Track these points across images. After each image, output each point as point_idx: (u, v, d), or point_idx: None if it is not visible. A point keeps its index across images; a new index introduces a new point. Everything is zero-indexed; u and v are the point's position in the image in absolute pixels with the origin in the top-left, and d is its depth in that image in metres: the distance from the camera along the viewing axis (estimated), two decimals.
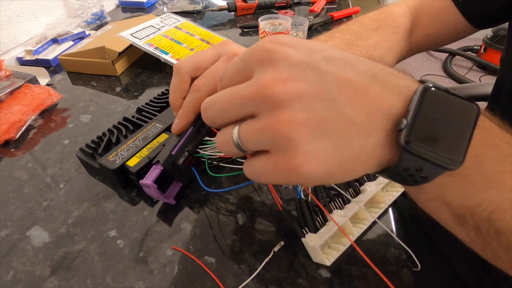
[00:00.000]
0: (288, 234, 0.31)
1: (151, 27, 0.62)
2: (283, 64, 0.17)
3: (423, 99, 0.16)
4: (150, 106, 0.43)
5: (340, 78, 0.17)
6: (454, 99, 0.17)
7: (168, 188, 0.34)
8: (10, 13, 0.67)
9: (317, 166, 0.17)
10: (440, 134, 0.16)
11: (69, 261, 0.30)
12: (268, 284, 0.27)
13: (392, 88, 0.17)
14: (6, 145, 0.45)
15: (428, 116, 0.16)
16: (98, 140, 0.38)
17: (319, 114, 0.16)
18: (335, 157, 0.17)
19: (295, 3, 0.87)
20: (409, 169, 0.17)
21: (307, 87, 0.17)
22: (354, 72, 0.17)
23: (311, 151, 0.16)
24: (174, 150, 0.32)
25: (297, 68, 0.17)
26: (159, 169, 0.31)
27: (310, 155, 0.16)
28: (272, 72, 0.17)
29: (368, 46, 0.43)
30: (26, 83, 0.52)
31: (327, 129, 0.16)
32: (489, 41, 1.95)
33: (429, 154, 0.16)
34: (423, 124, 0.16)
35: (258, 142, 0.18)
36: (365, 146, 0.17)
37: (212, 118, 0.21)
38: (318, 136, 0.16)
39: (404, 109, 0.17)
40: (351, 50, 0.43)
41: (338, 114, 0.16)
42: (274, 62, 0.17)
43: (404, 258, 0.28)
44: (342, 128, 0.17)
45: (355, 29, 0.45)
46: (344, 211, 0.29)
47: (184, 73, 0.30)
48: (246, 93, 0.18)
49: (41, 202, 0.36)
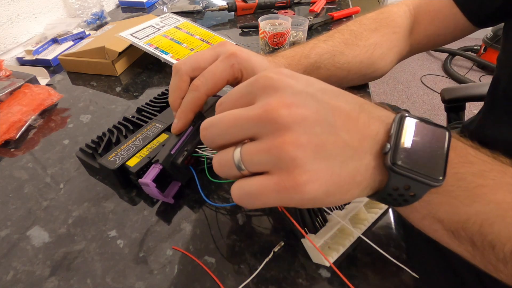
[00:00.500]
0: (288, 234, 0.31)
1: (151, 27, 0.62)
2: (287, 91, 0.19)
3: (401, 125, 0.19)
4: (150, 106, 0.43)
5: (335, 107, 0.19)
6: (427, 124, 0.19)
7: (167, 188, 0.34)
8: (10, 13, 0.67)
9: (318, 185, 0.18)
10: (420, 154, 0.19)
11: (69, 261, 0.30)
12: (268, 284, 0.27)
13: (376, 117, 0.20)
14: (6, 145, 0.45)
15: (407, 139, 0.19)
16: (98, 140, 0.38)
17: (319, 138, 0.18)
18: (333, 177, 0.18)
19: (295, 3, 0.87)
20: (399, 189, 0.19)
21: (309, 113, 0.18)
22: (345, 102, 0.20)
23: (313, 170, 0.18)
24: (173, 150, 0.32)
25: (299, 96, 0.19)
26: (158, 168, 0.31)
27: (313, 174, 0.18)
28: (278, 97, 0.19)
29: (368, 46, 0.43)
30: (26, 83, 0.52)
31: (326, 151, 0.18)
32: (489, 41, 1.95)
33: (413, 173, 0.18)
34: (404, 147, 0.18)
35: (261, 163, 0.19)
36: (358, 167, 0.19)
37: (212, 138, 0.21)
38: (318, 157, 0.18)
39: (387, 135, 0.19)
40: (351, 50, 0.43)
41: (335, 138, 0.18)
42: (279, 89, 0.19)
43: (404, 258, 0.28)
44: (339, 150, 0.18)
45: (354, 29, 0.45)
46: (344, 211, 0.29)
47: (183, 73, 0.31)
48: (251, 114, 0.19)
49: (41, 202, 0.36)
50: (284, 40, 0.58)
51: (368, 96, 0.49)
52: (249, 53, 0.33)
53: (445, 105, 0.79)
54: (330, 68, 0.42)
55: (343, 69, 0.43)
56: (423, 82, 2.04)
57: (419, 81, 2.06)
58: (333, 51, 0.42)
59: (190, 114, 0.32)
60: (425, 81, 2.04)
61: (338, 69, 0.43)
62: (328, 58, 0.42)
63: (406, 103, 1.89)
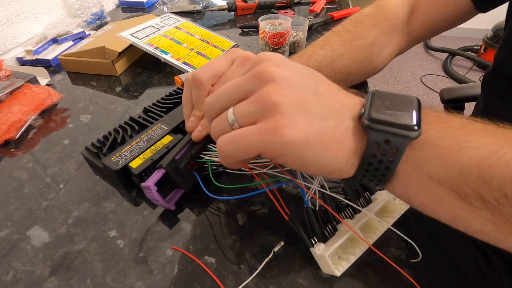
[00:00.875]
0: (288, 234, 0.31)
1: (151, 27, 0.62)
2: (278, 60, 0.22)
3: (373, 95, 0.21)
4: (157, 106, 0.43)
5: (319, 79, 0.23)
6: (397, 93, 0.22)
7: (169, 195, 0.34)
8: (10, 13, 0.67)
9: (297, 131, 0.20)
10: (392, 110, 0.20)
11: (69, 261, 0.30)
12: (268, 284, 0.27)
13: (353, 96, 0.23)
14: (6, 145, 0.45)
15: (380, 102, 0.21)
16: (104, 139, 0.38)
17: (302, 94, 0.21)
18: (312, 128, 0.20)
19: (295, 3, 0.87)
20: (379, 148, 0.20)
21: (295, 75, 0.21)
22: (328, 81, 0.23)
23: (294, 118, 0.20)
24: (178, 155, 0.31)
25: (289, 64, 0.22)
26: (161, 172, 0.31)
27: (293, 121, 0.20)
28: (267, 61, 0.22)
29: (366, 45, 0.43)
30: (26, 83, 0.52)
31: (307, 106, 0.20)
32: (489, 41, 1.95)
33: (389, 124, 0.19)
34: (378, 106, 0.20)
35: (250, 114, 0.21)
36: (338, 125, 0.21)
37: (212, 103, 0.24)
38: (299, 110, 0.20)
39: (362, 106, 0.22)
40: (350, 52, 0.43)
41: (317, 98, 0.21)
42: (270, 59, 0.22)
43: (405, 258, 0.28)
44: (320, 108, 0.21)
45: (351, 29, 0.45)
46: (354, 220, 0.28)
47: (205, 83, 0.30)
48: (245, 76, 0.22)
49: (41, 202, 0.36)
50: (284, 40, 0.58)
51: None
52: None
53: (444, 105, 0.79)
54: (330, 74, 0.42)
55: (343, 73, 0.43)
56: (423, 82, 2.04)
57: (419, 81, 2.06)
58: (331, 56, 0.42)
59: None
60: (425, 81, 2.04)
61: (338, 74, 0.43)
62: (327, 64, 0.42)
63: None
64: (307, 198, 0.29)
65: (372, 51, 0.44)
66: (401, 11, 0.45)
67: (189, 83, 0.32)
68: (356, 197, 0.30)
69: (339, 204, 0.30)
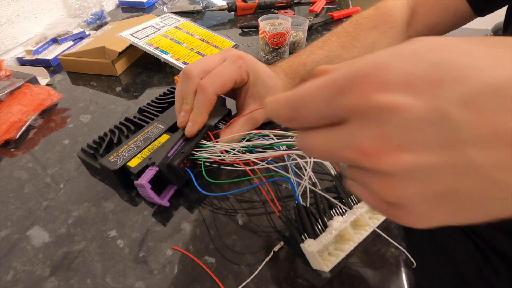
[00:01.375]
0: (288, 235, 0.31)
1: (151, 27, 0.62)
2: (393, 123, 0.12)
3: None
4: (152, 106, 0.43)
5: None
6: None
7: (163, 191, 0.34)
8: (10, 13, 0.67)
9: (427, 222, 0.14)
10: None
11: (69, 261, 0.30)
12: (268, 284, 0.27)
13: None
14: (6, 145, 0.45)
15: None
16: (100, 140, 0.38)
17: (446, 185, 0.12)
18: (455, 217, 0.13)
19: (295, 3, 0.87)
20: None
21: (431, 159, 0.11)
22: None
23: (423, 214, 0.13)
24: (170, 152, 0.32)
25: (416, 128, 0.11)
26: (154, 170, 0.31)
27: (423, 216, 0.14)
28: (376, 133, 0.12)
29: (365, 46, 0.43)
30: (26, 83, 0.52)
31: (455, 197, 0.12)
32: None
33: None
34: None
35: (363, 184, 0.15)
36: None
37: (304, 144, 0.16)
38: (439, 203, 0.13)
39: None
40: (349, 53, 0.43)
41: (479, 179, 0.11)
42: (380, 117, 0.12)
43: (405, 258, 0.28)
44: (481, 194, 0.12)
45: (351, 30, 0.45)
46: (345, 217, 0.28)
47: (194, 77, 0.31)
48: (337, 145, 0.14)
49: (41, 202, 0.36)
50: (284, 40, 0.58)
51: None
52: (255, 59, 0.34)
53: None
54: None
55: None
56: None
57: None
58: (330, 56, 0.42)
59: (204, 116, 0.32)
60: None
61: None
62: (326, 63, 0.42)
63: None
64: (298, 194, 0.30)
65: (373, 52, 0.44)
66: (401, 14, 0.45)
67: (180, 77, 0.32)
68: (347, 194, 0.31)
69: (330, 201, 0.30)
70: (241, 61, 0.32)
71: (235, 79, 0.32)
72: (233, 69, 0.31)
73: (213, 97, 0.31)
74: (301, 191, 0.30)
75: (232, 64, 0.31)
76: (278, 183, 0.35)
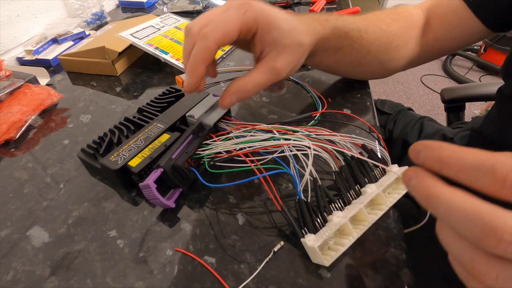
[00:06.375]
0: (288, 234, 0.31)
1: (151, 27, 0.62)
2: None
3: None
4: (151, 106, 0.43)
5: None
6: None
7: (168, 193, 0.34)
8: (10, 13, 0.67)
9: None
10: None
11: (69, 261, 0.30)
12: (268, 284, 0.27)
13: None
14: (6, 145, 0.45)
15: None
16: (100, 141, 0.38)
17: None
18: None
19: (295, 3, 0.87)
20: None
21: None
22: None
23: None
24: (174, 155, 0.32)
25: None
26: (159, 171, 0.31)
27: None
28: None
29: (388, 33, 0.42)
30: (26, 83, 0.52)
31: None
32: (489, 41, 1.95)
33: None
34: None
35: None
36: None
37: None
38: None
39: None
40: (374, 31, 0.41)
41: None
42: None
43: (405, 258, 0.28)
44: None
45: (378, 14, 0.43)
46: (344, 212, 0.29)
47: (195, 31, 0.28)
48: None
49: (41, 202, 0.36)
50: None
51: (369, 97, 0.49)
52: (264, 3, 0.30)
53: (445, 105, 0.79)
54: (356, 40, 0.39)
55: (364, 47, 0.41)
56: (423, 82, 2.04)
57: (419, 81, 2.06)
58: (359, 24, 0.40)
59: (201, 67, 0.28)
60: (425, 81, 2.04)
61: (359, 45, 0.40)
62: (354, 29, 0.39)
63: (406, 103, 1.89)
64: (299, 189, 0.30)
65: (392, 42, 0.42)
66: (419, 19, 0.45)
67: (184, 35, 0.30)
68: (347, 189, 0.31)
69: (330, 196, 0.30)
70: (247, 7, 0.28)
71: (239, 27, 0.28)
72: (237, 17, 0.28)
73: (213, 45, 0.28)
74: (302, 186, 0.30)
75: (236, 11, 0.28)
76: (279, 183, 0.35)
